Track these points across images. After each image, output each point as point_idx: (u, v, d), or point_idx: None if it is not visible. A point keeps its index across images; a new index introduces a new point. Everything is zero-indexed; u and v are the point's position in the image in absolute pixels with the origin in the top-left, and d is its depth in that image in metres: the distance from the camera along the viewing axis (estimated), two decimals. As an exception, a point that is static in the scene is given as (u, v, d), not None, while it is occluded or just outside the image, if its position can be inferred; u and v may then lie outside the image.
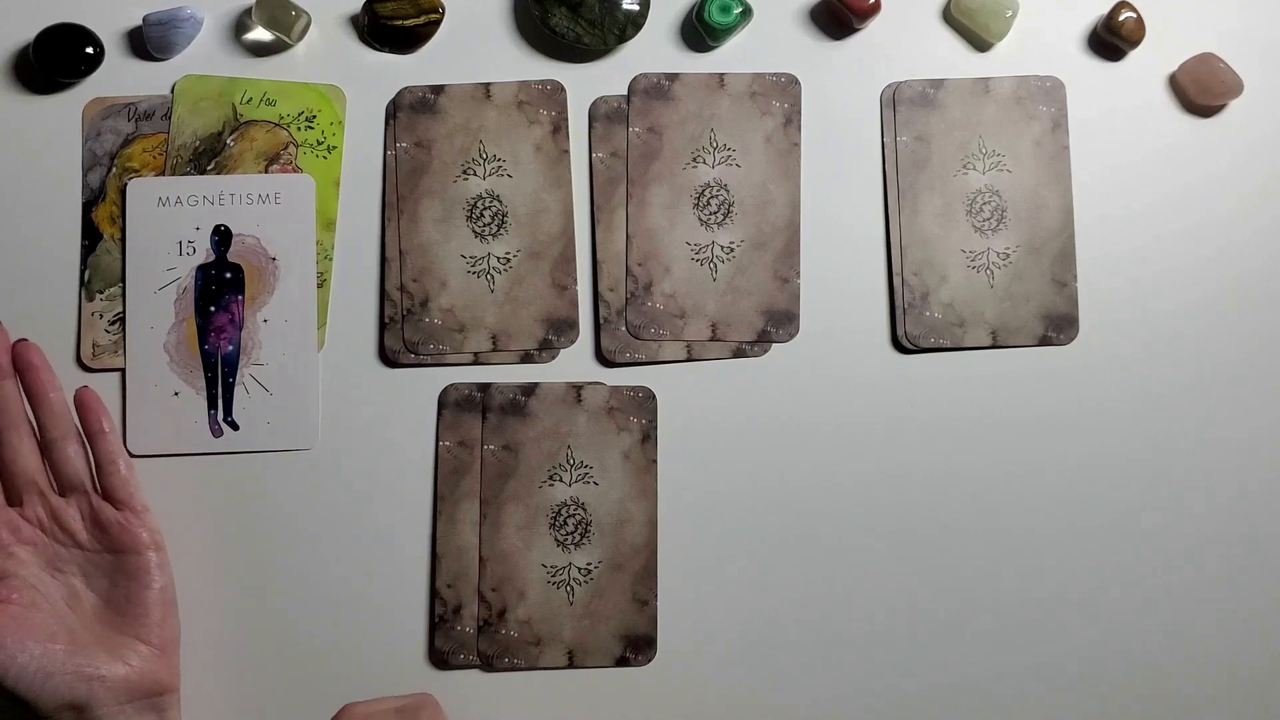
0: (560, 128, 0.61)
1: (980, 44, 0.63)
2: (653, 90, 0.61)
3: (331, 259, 0.60)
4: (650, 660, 0.59)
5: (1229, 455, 0.61)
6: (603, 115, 0.61)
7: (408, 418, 0.59)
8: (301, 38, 0.61)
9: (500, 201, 0.60)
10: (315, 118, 0.61)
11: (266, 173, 0.60)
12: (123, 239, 0.59)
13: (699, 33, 0.61)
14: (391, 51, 0.61)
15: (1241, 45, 0.62)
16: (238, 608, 0.58)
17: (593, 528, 0.59)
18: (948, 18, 0.63)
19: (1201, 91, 0.62)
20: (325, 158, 0.60)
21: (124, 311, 0.59)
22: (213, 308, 0.59)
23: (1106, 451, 0.61)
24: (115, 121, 0.60)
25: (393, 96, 0.61)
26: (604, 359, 0.60)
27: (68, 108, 0.60)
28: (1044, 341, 0.61)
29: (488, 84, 0.61)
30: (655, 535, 0.59)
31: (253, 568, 0.58)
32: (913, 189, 0.61)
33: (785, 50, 0.62)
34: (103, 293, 0.59)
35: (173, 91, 0.60)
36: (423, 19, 0.61)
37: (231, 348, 0.59)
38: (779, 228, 0.61)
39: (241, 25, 0.61)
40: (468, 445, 0.59)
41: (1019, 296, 0.61)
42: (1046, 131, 0.62)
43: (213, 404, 0.59)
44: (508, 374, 0.60)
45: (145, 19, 0.60)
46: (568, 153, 0.61)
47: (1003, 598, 0.60)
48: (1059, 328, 0.61)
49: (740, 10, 0.60)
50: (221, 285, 0.59)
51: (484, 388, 0.59)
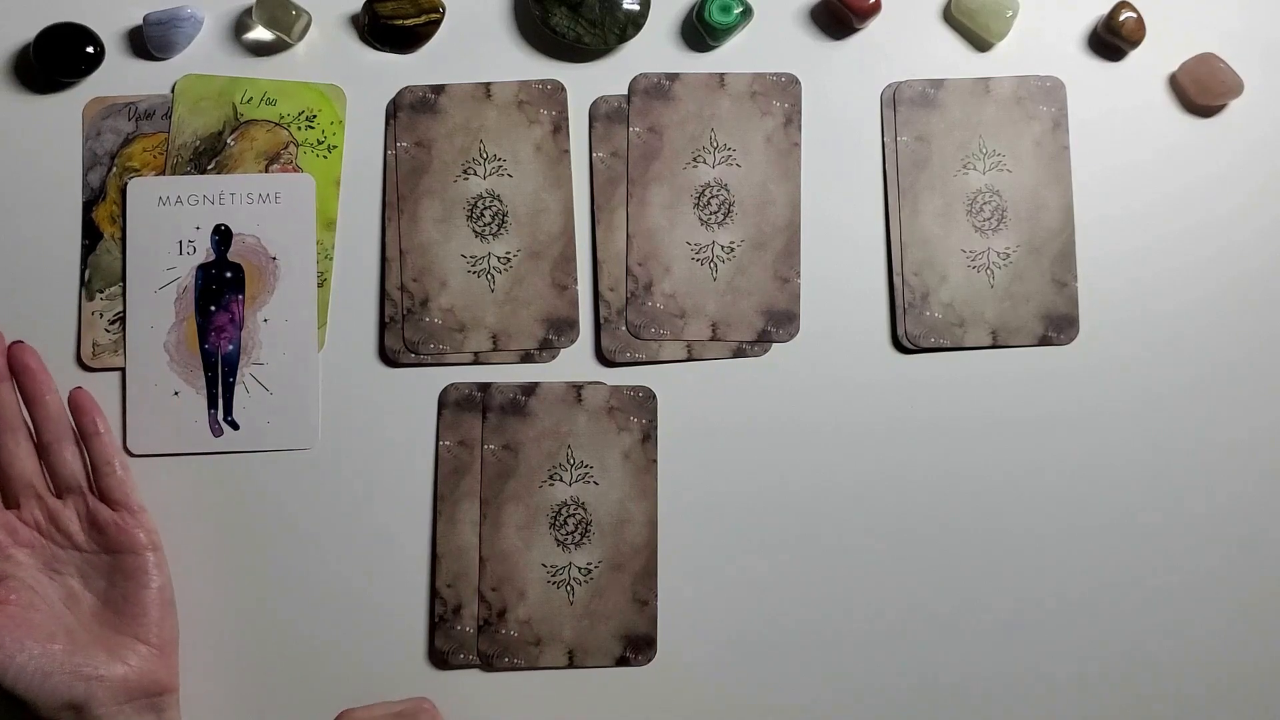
0: (560, 127, 0.61)
1: (980, 44, 0.63)
2: (653, 90, 0.61)
3: (332, 259, 0.60)
4: (650, 660, 0.58)
5: (1229, 455, 0.61)
6: (603, 115, 0.61)
7: (408, 418, 0.59)
8: (302, 37, 0.61)
9: (500, 201, 0.60)
10: (315, 117, 0.61)
11: (267, 172, 0.60)
12: (123, 238, 0.59)
13: (699, 33, 0.61)
14: (392, 51, 0.61)
15: (1241, 45, 0.62)
16: (238, 608, 0.58)
17: (593, 528, 0.59)
18: (948, 18, 0.63)
19: (1201, 91, 0.62)
20: (325, 157, 0.60)
21: (124, 311, 0.59)
22: (213, 307, 0.59)
23: (1106, 451, 0.61)
24: (115, 121, 0.60)
25: (393, 96, 0.61)
26: (604, 359, 0.60)
27: (68, 107, 0.60)
28: (1044, 341, 0.61)
29: (488, 84, 0.61)
30: (655, 535, 0.59)
31: (253, 568, 0.58)
32: (913, 189, 0.61)
33: (785, 50, 0.62)
34: (103, 292, 0.59)
35: (173, 91, 0.60)
36: (423, 19, 0.61)
37: (231, 347, 0.59)
38: (779, 228, 0.61)
39: (242, 25, 0.61)
40: (468, 445, 0.59)
41: (1019, 296, 0.61)
42: (1046, 131, 0.62)
43: (213, 404, 0.59)
44: (508, 374, 0.60)
45: (145, 18, 0.60)
46: (568, 152, 0.61)
47: (1003, 598, 0.60)
48: (1059, 328, 0.61)
49: (740, 10, 0.60)
50: (222, 285, 0.59)
51: (484, 387, 0.59)
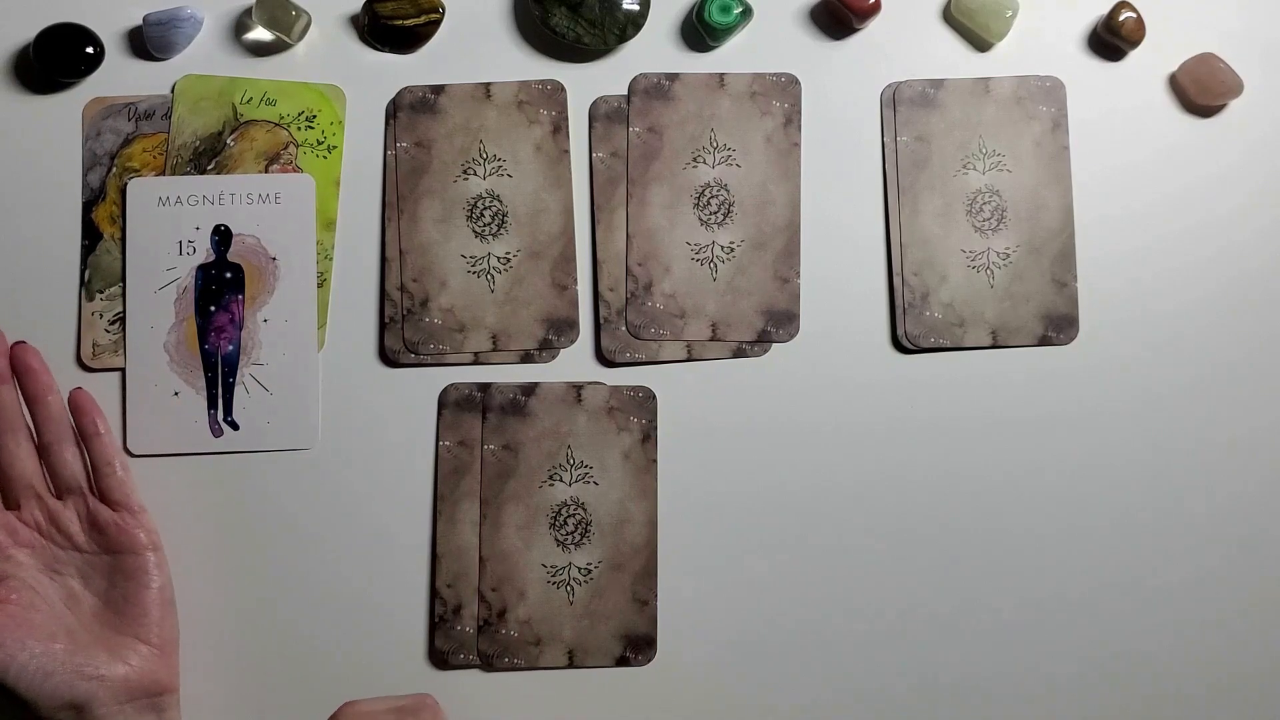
0: (560, 128, 0.61)
1: (980, 44, 0.63)
2: (653, 90, 0.61)
3: (331, 259, 0.60)
4: (650, 660, 0.59)
5: (1229, 455, 0.61)
6: (603, 115, 0.61)
7: (408, 418, 0.59)
8: (301, 38, 0.61)
9: (500, 201, 0.60)
10: (315, 117, 0.61)
11: (266, 172, 0.60)
12: (123, 239, 0.59)
13: (699, 33, 0.61)
14: (391, 51, 0.61)
15: (1241, 45, 0.62)
16: (238, 608, 0.58)
17: (593, 528, 0.59)
18: (948, 18, 0.63)
19: (1201, 91, 0.62)
20: (325, 158, 0.60)
21: (124, 311, 0.59)
22: (213, 307, 0.59)
23: (1106, 451, 0.61)
24: (115, 121, 0.60)
25: (393, 96, 0.61)
26: (604, 359, 0.60)
27: (68, 108, 0.60)
28: (1044, 341, 0.61)
29: (488, 84, 0.61)
30: (655, 535, 0.59)
31: (253, 568, 0.58)
32: (913, 189, 0.61)
33: (785, 50, 0.62)
34: (103, 292, 0.59)
35: (173, 91, 0.60)
36: (423, 19, 0.61)
37: (231, 347, 0.59)
38: (779, 228, 0.61)
39: (241, 25, 0.61)
40: (468, 445, 0.59)
41: (1019, 296, 0.61)
42: (1046, 131, 0.62)
43: (213, 404, 0.59)
44: (508, 374, 0.60)
45: (145, 19, 0.60)
46: (568, 153, 0.61)
47: (1003, 598, 0.60)
48: (1059, 328, 0.61)
49: (740, 10, 0.60)
50: (221, 285, 0.59)
51: (484, 388, 0.59)
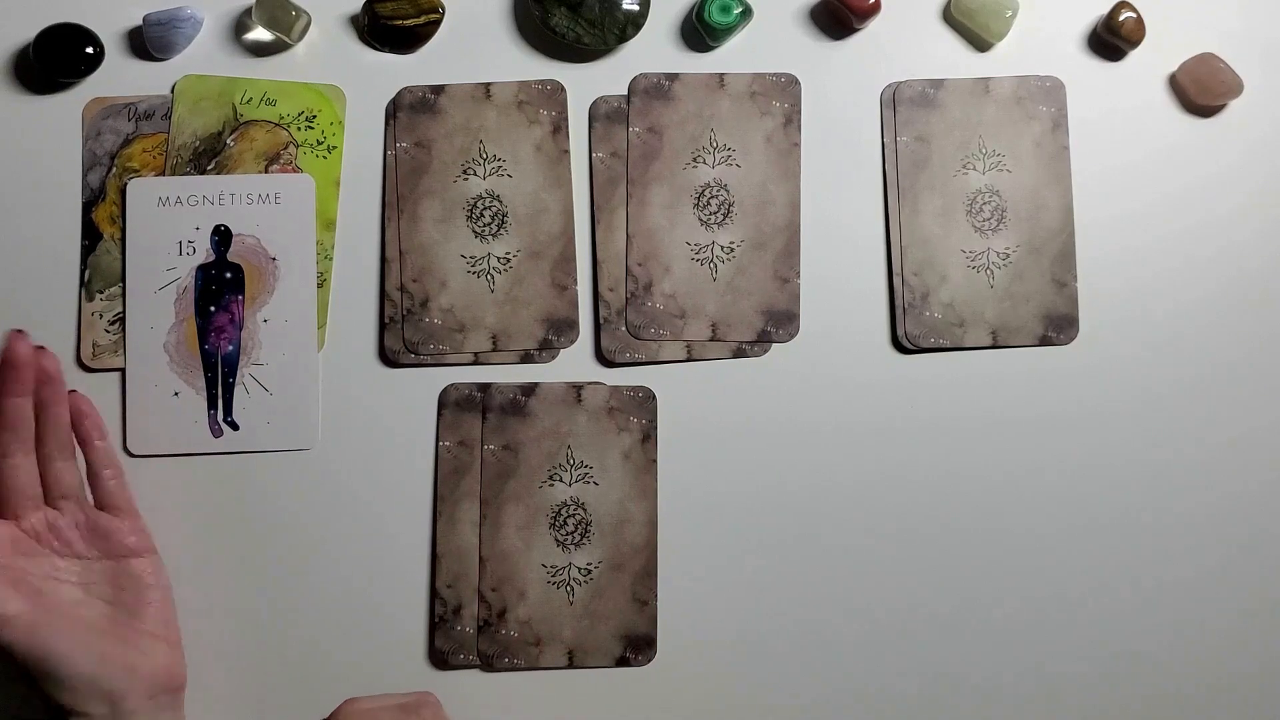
0: (560, 128, 0.61)
1: (980, 44, 0.62)
2: (653, 90, 0.61)
3: (331, 259, 0.60)
4: (650, 660, 0.59)
5: (1229, 455, 0.61)
6: (603, 115, 0.61)
7: (408, 418, 0.59)
8: (301, 38, 0.61)
9: (500, 201, 0.60)
10: (315, 118, 0.61)
11: (266, 173, 0.60)
12: (123, 239, 0.59)
13: (699, 33, 0.61)
14: (391, 51, 0.61)
15: (1241, 45, 0.62)
16: (238, 608, 0.58)
17: (593, 528, 0.59)
18: (948, 18, 0.63)
19: (1201, 91, 0.62)
20: (325, 158, 0.60)
21: (124, 311, 0.59)
22: (213, 308, 0.59)
23: (1106, 451, 0.61)
24: (115, 121, 0.60)
25: (393, 96, 0.61)
26: (604, 359, 0.60)
27: (68, 108, 0.60)
28: (1044, 341, 0.61)
29: (488, 84, 0.61)
30: (655, 535, 0.59)
31: (253, 568, 0.58)
32: (913, 189, 0.61)
33: (785, 50, 0.62)
34: (103, 293, 0.59)
35: (173, 91, 0.60)
36: (423, 19, 0.61)
37: (231, 348, 0.59)
38: (779, 228, 0.61)
39: (241, 25, 0.61)
40: (468, 445, 0.59)
41: (1019, 296, 0.61)
42: (1046, 131, 0.62)
43: (213, 404, 0.59)
44: (508, 374, 0.60)
45: (145, 19, 0.60)
46: (568, 153, 0.61)
47: (1003, 598, 0.60)
48: (1059, 328, 0.61)
49: (740, 10, 0.60)
50: (221, 285, 0.59)
51: (484, 388, 0.59)
